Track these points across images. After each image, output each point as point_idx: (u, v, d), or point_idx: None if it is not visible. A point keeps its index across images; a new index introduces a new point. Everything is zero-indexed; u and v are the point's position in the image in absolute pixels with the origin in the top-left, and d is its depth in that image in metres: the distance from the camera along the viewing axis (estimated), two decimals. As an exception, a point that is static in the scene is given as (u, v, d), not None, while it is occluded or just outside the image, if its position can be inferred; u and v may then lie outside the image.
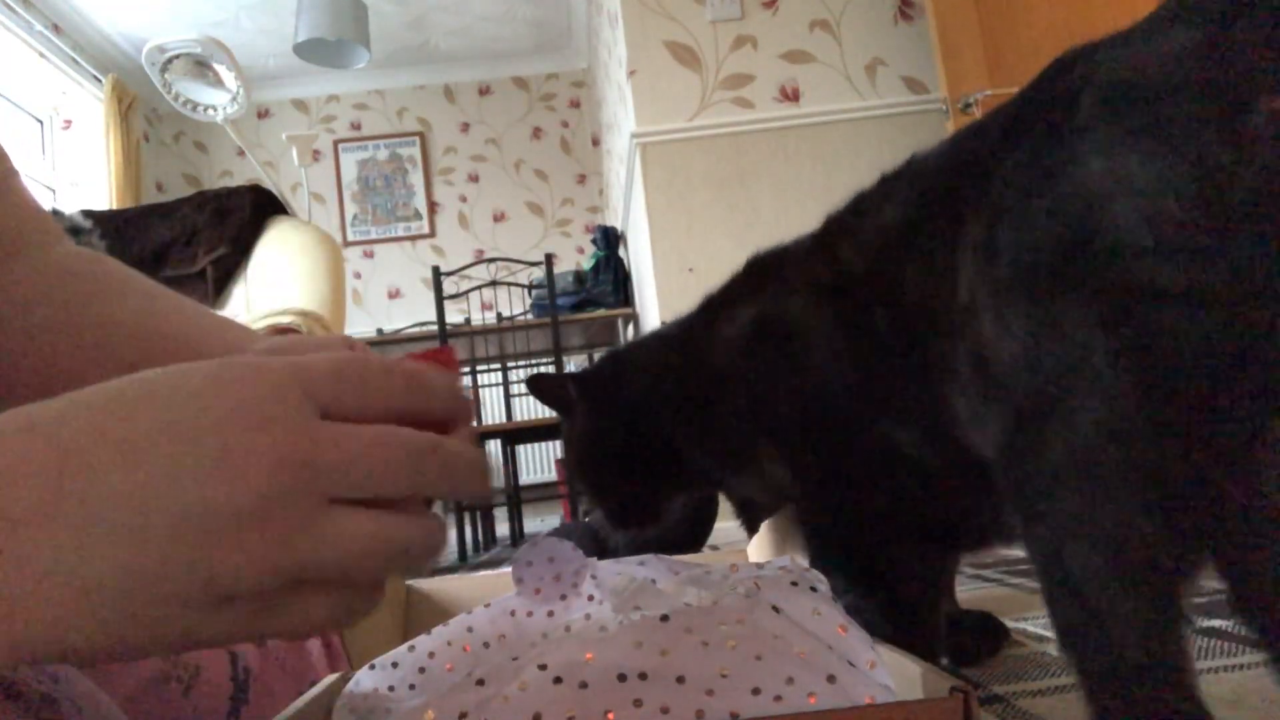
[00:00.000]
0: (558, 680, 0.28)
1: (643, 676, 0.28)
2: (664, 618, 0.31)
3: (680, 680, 0.29)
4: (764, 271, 0.69)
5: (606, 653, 0.29)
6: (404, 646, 0.34)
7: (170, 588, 0.23)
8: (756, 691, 0.28)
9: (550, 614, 0.38)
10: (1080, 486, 0.39)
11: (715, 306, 0.73)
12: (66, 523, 0.23)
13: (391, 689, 0.33)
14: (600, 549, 1.07)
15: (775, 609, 0.33)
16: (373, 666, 0.33)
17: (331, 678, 0.37)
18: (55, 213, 2.07)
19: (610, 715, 0.28)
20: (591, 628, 0.35)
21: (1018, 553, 1.12)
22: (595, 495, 0.81)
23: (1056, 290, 0.40)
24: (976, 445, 0.48)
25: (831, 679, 0.30)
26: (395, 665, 0.32)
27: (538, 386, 0.84)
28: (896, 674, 0.34)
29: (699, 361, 0.71)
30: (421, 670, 0.34)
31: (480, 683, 0.29)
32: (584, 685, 0.28)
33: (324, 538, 0.25)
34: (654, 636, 0.31)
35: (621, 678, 0.28)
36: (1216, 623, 0.86)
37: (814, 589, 0.35)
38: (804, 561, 0.44)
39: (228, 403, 0.25)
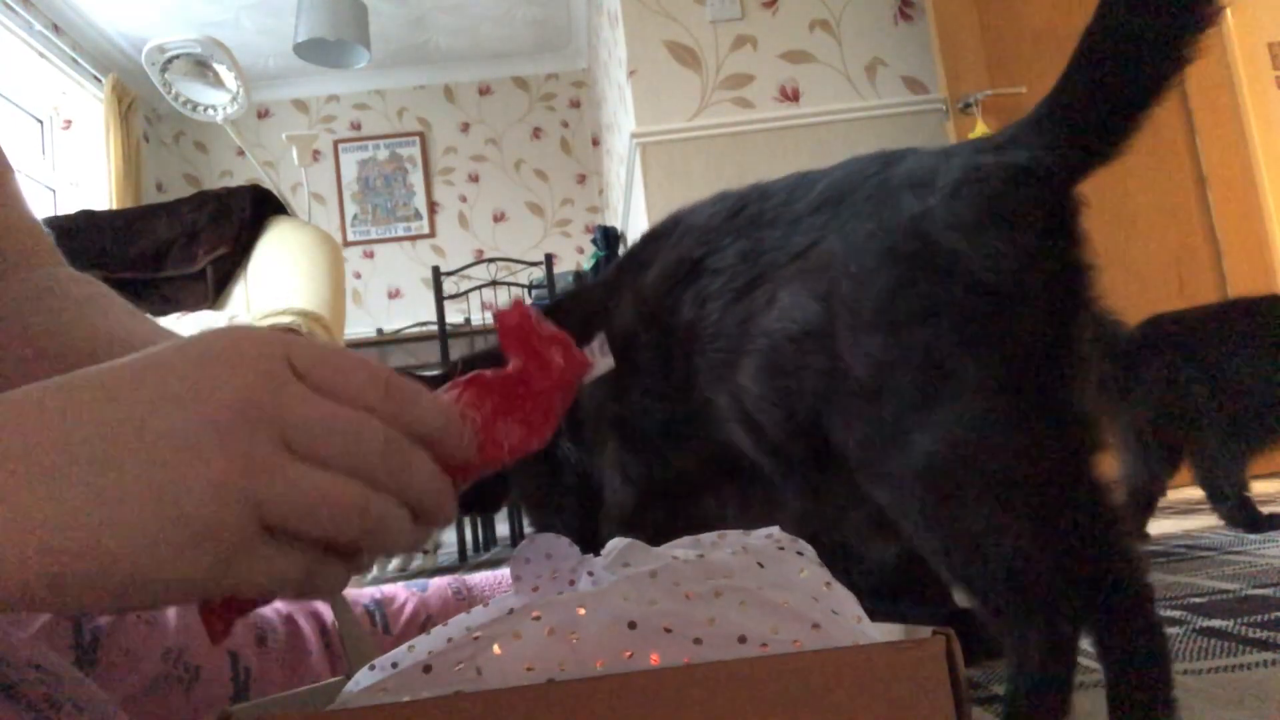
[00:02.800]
0: (551, 632, 0.29)
1: (631, 625, 0.29)
2: (652, 573, 0.33)
3: (668, 630, 0.30)
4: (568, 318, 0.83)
5: (598, 606, 0.30)
6: (404, 647, 0.34)
7: (140, 514, 0.25)
8: (742, 639, 0.29)
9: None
10: (958, 420, 0.54)
11: None
12: (42, 459, 0.25)
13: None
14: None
15: (760, 564, 0.34)
16: (373, 667, 0.33)
17: (333, 680, 0.37)
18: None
19: (600, 664, 0.29)
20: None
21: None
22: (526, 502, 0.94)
23: (904, 305, 0.55)
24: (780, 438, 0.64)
25: (816, 626, 0.31)
26: (395, 665, 0.33)
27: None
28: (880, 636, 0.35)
29: None
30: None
31: (476, 639, 0.30)
32: (575, 636, 0.29)
33: (283, 475, 0.27)
34: (642, 590, 0.32)
35: (611, 629, 0.29)
36: (1216, 623, 0.86)
37: (800, 553, 0.36)
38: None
39: (207, 349, 0.28)
